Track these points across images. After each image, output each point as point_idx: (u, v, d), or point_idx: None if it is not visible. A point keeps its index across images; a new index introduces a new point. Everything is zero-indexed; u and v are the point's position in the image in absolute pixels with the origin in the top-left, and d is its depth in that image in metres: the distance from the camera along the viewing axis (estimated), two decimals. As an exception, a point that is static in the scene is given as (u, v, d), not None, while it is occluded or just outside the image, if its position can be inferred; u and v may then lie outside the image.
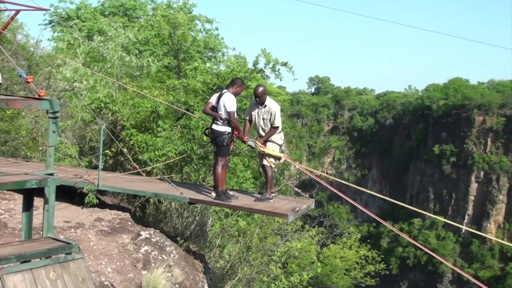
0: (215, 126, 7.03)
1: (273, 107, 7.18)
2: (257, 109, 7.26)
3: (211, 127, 7.09)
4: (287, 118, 59.04)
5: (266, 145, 7.22)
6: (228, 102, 6.93)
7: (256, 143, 7.16)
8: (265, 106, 7.19)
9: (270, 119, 7.18)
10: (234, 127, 7.03)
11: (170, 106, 9.79)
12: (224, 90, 7.17)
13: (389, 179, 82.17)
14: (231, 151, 7.48)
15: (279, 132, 7.36)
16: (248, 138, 7.24)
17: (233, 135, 7.12)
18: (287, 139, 30.73)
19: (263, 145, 7.18)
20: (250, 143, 7.19)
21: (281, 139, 7.40)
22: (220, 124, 6.99)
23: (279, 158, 7.36)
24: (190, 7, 17.45)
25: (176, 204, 9.44)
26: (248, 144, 7.25)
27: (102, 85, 11.14)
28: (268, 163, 7.22)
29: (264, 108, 7.21)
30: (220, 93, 7.19)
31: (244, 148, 10.44)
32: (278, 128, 7.26)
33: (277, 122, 7.20)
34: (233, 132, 7.08)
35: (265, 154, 7.16)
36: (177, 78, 13.62)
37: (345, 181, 10.20)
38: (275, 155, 7.25)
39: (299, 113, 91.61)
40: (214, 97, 7.25)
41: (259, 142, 7.18)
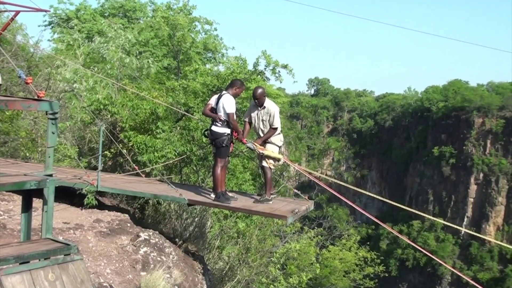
0: (214, 128, 7.03)
1: (272, 109, 7.19)
2: (257, 110, 7.28)
3: (211, 128, 7.09)
4: (286, 120, 59.04)
5: (265, 146, 7.22)
6: (227, 104, 6.93)
7: (255, 145, 7.16)
8: (264, 107, 7.20)
9: (269, 120, 7.19)
10: (233, 128, 7.04)
11: (170, 107, 9.79)
12: (224, 92, 7.17)
13: (388, 180, 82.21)
14: (231, 152, 7.48)
15: (279, 134, 7.37)
16: (247, 140, 7.24)
17: (233, 136, 7.12)
18: (287, 140, 30.74)
19: (262, 147, 7.18)
20: (249, 145, 7.19)
21: (280, 141, 7.40)
22: (220, 126, 6.99)
23: (278, 159, 7.37)
24: (190, 9, 17.46)
25: (175, 205, 9.44)
26: (247, 146, 7.25)
27: (102, 86, 11.13)
28: (268, 164, 7.22)
29: (263, 110, 7.22)
30: (219, 94, 7.19)
31: (243, 149, 10.44)
32: (277, 129, 7.26)
33: (276, 123, 7.21)
34: (233, 133, 7.08)
35: (264, 155, 7.17)
36: (177, 80, 13.61)
37: (344, 183, 10.20)
38: (274, 157, 7.25)
39: (298, 114, 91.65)
40: (214, 98, 7.25)
41: (258, 143, 7.19)
